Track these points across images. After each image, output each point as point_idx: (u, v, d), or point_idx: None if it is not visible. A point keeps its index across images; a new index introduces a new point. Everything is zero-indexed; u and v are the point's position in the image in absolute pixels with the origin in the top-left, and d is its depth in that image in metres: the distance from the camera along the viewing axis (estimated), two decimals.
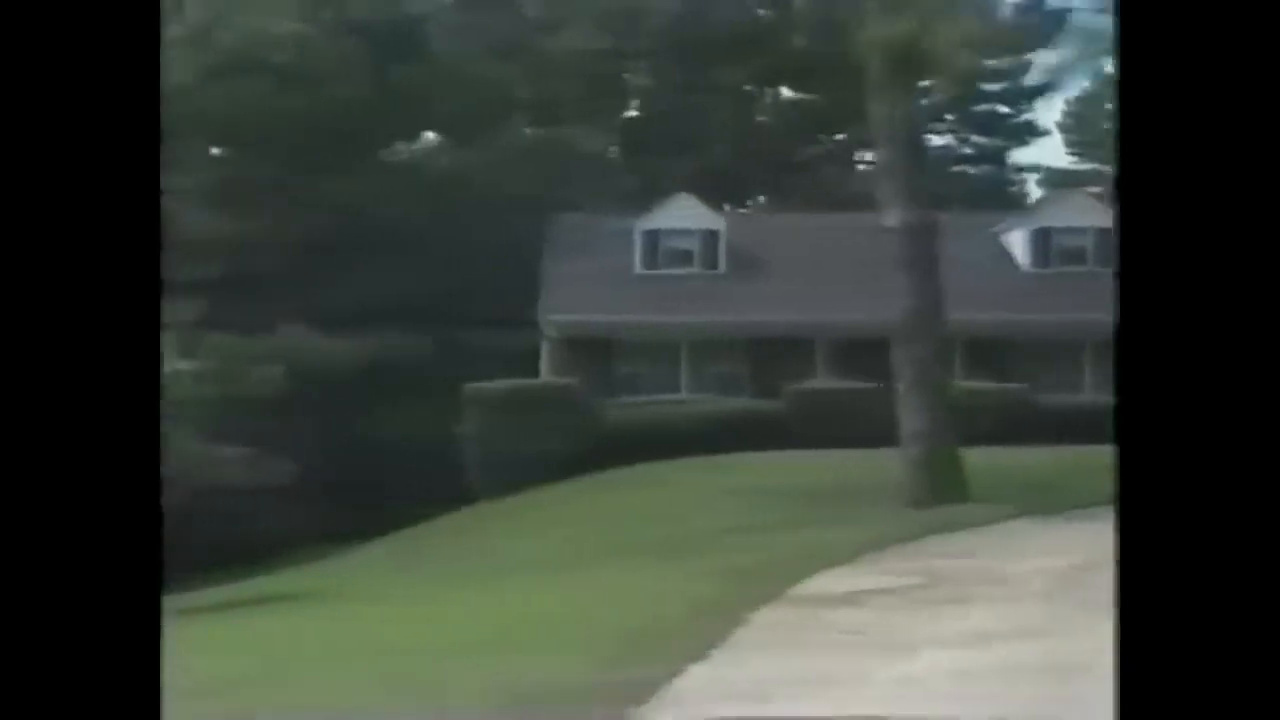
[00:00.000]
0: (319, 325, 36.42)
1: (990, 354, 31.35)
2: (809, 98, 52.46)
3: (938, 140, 52.18)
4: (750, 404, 31.41)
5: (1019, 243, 35.69)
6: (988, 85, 52.72)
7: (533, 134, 47.08)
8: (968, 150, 56.14)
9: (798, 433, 29.19)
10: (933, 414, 21.39)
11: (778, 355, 32.69)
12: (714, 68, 49.19)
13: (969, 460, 21.62)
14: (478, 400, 31.00)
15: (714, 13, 48.50)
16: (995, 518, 18.67)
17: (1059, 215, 35.09)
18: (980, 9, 23.95)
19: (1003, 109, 55.87)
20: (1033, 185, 57.42)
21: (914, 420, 21.42)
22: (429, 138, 48.51)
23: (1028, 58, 49.85)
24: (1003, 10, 24.27)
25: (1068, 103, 59.57)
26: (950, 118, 53.60)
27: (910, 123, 22.95)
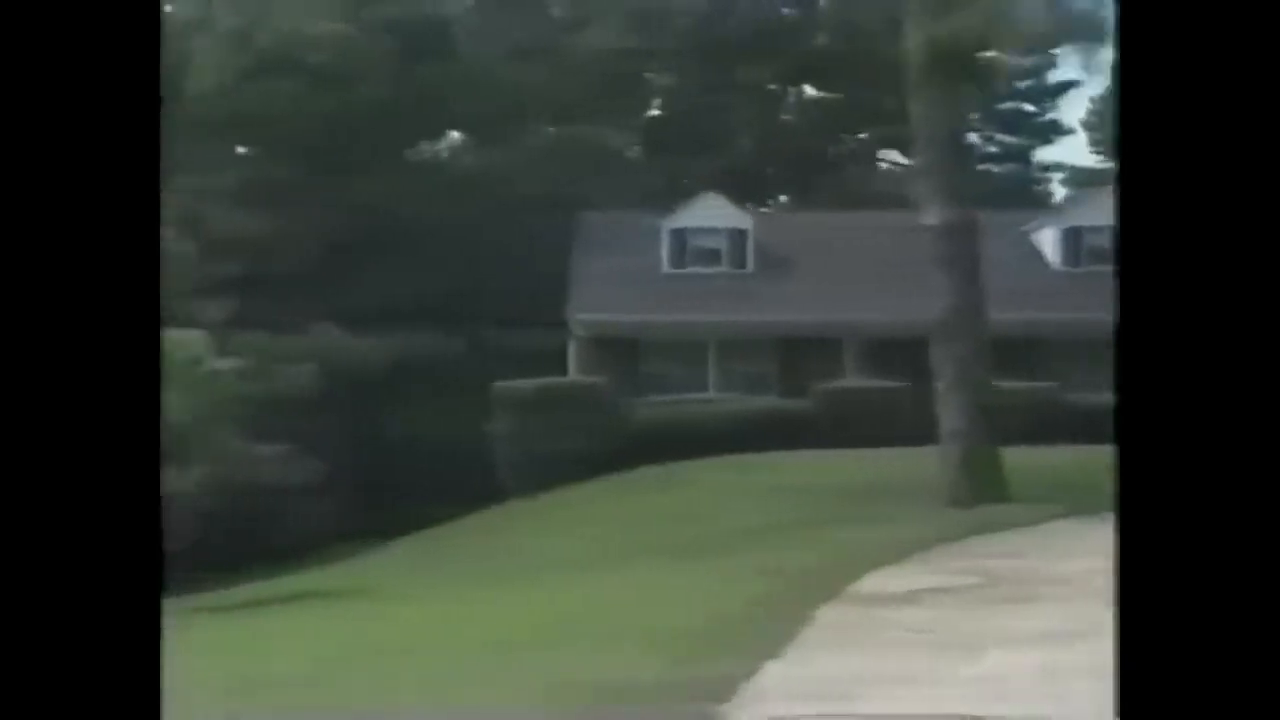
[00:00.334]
0: (346, 324, 36.50)
1: (1020, 353, 31.24)
2: (832, 96, 52.41)
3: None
4: (778, 403, 31.38)
5: (1049, 242, 35.62)
6: (1015, 83, 52.62)
7: (557, 133, 47.07)
8: (993, 149, 56.04)
9: (825, 432, 29.14)
10: (972, 413, 21.30)
11: (805, 354, 32.66)
12: (738, 66, 49.12)
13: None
14: (506, 399, 30.99)
15: (738, 12, 48.46)
16: (1038, 518, 18.53)
17: (1090, 214, 34.89)
18: (1034, 6, 23.73)
19: (1028, 107, 55.78)
20: (1057, 184, 57.41)
21: (954, 419, 21.34)
22: (454, 137, 48.59)
23: (1054, 53, 49.65)
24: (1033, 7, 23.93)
25: (1092, 101, 59.42)
26: (975, 116, 53.47)
27: (954, 121, 22.90)
